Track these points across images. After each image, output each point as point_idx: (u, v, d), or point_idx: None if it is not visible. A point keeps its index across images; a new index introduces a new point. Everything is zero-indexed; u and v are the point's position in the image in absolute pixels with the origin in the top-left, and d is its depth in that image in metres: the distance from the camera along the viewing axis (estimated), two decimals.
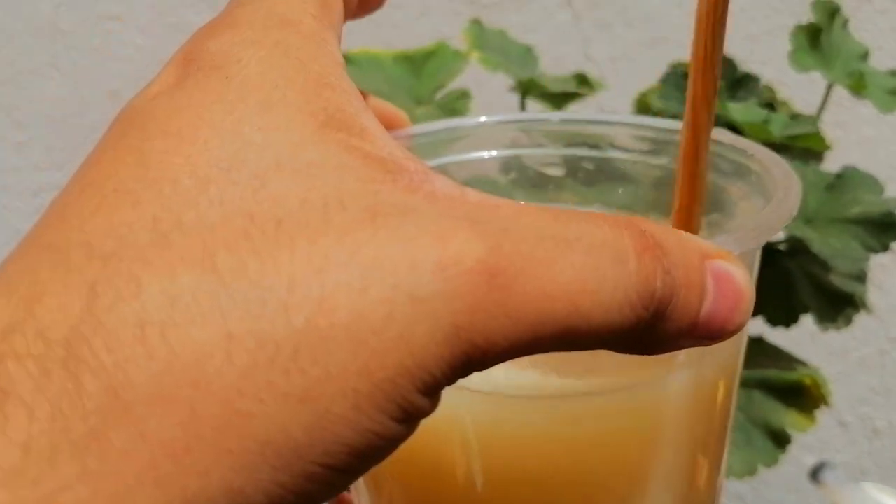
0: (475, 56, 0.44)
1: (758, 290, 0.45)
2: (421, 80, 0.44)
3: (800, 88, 0.51)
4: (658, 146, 0.27)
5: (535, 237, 0.15)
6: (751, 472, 0.37)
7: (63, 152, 0.68)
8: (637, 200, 0.28)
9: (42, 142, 0.67)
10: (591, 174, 0.28)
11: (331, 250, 0.14)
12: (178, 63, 0.18)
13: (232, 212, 0.15)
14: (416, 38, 0.65)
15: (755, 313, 0.41)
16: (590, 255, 0.15)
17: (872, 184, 0.41)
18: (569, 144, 0.28)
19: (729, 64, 0.44)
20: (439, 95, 0.43)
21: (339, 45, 0.20)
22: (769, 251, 0.42)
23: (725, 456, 0.27)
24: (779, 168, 0.23)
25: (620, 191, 0.28)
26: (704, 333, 0.17)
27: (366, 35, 0.66)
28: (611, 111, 0.62)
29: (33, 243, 0.15)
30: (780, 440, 0.37)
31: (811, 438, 0.69)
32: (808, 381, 0.39)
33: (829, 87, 0.40)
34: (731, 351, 0.25)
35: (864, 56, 0.41)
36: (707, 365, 0.24)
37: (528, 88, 0.45)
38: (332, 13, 0.20)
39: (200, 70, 0.17)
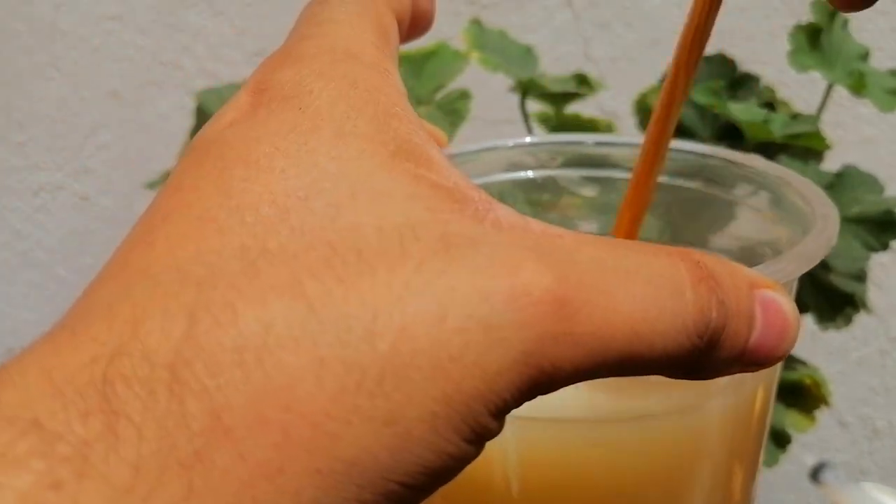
0: (475, 56, 0.44)
1: None
2: (421, 80, 0.44)
3: (800, 88, 0.51)
4: (692, 170, 0.28)
5: (598, 268, 0.16)
6: None
7: (63, 152, 0.68)
8: (669, 224, 0.29)
9: (42, 142, 0.67)
10: (625, 196, 0.28)
11: (409, 279, 0.15)
12: (250, 91, 0.18)
13: (313, 240, 0.15)
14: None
15: None
16: (649, 285, 0.16)
17: (872, 183, 0.41)
18: (602, 166, 0.28)
19: (729, 64, 0.44)
20: (439, 95, 0.43)
21: (398, 74, 0.20)
22: None
23: (760, 463, 0.27)
24: (818, 197, 0.24)
25: (658, 212, 0.29)
26: (752, 360, 0.18)
27: None
28: (611, 111, 0.62)
29: (123, 266, 0.16)
30: (781, 440, 0.37)
31: (811, 438, 0.69)
32: (808, 381, 0.39)
33: (829, 87, 0.40)
34: (772, 369, 0.25)
35: (864, 56, 0.41)
36: (750, 384, 0.25)
37: (528, 88, 0.45)
38: (389, 41, 0.21)
39: (273, 100, 0.18)
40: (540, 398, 0.16)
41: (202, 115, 0.45)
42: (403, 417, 0.14)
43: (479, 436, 0.15)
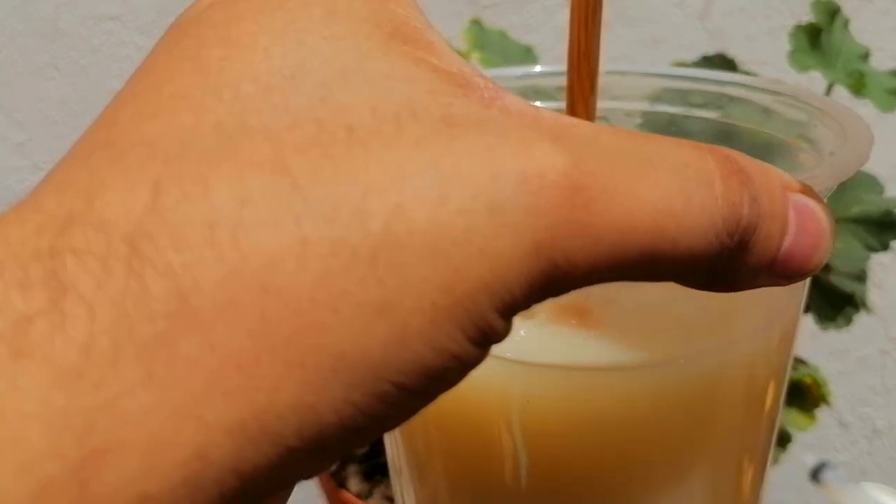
0: (475, 56, 0.44)
1: None
2: None
3: None
4: (711, 99, 0.26)
5: (618, 155, 0.14)
6: None
7: (63, 152, 0.68)
8: None
9: (42, 142, 0.67)
10: (643, 129, 0.27)
11: (407, 158, 0.13)
12: None
13: (299, 118, 0.14)
14: None
15: None
16: (675, 175, 0.14)
17: (873, 183, 0.41)
18: (616, 98, 0.27)
19: (729, 64, 0.44)
20: None
21: None
22: None
23: (777, 421, 0.26)
24: (851, 119, 0.23)
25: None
26: (783, 270, 0.16)
27: None
28: None
29: (87, 142, 0.14)
30: (781, 439, 0.37)
31: (811, 438, 0.69)
32: (808, 381, 0.39)
33: (829, 87, 0.40)
34: (793, 314, 0.24)
35: (865, 56, 0.41)
36: (765, 333, 0.23)
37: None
38: None
39: None
40: (549, 343, 0.14)
41: None
42: (399, 306, 0.13)
43: (485, 336, 0.14)
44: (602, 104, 0.25)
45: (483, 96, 0.15)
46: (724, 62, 0.44)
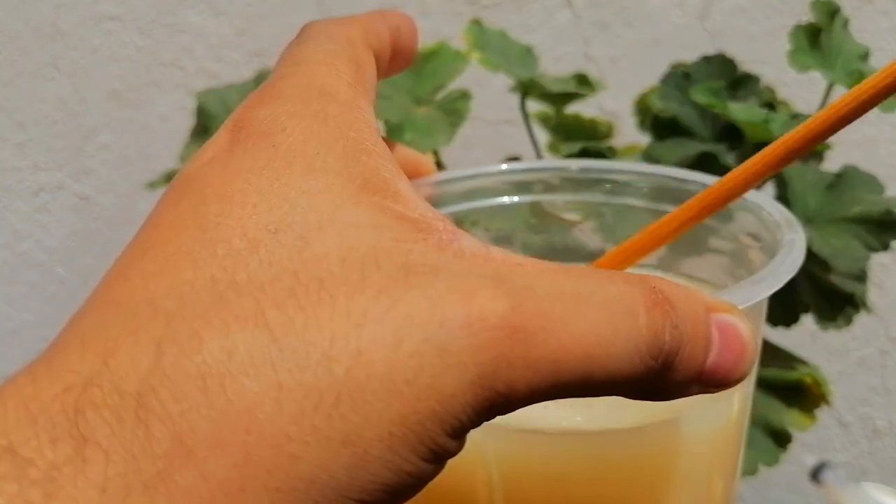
0: (475, 56, 0.44)
1: None
2: (421, 81, 0.44)
3: (800, 88, 0.51)
4: (670, 194, 0.28)
5: (554, 293, 0.17)
6: (751, 471, 0.37)
7: (63, 152, 0.68)
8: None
9: (42, 142, 0.67)
10: (608, 219, 0.29)
11: (368, 307, 0.16)
12: (229, 129, 0.20)
13: (279, 271, 0.16)
14: None
15: None
16: (603, 309, 0.17)
17: (873, 183, 0.41)
18: (587, 191, 0.29)
19: (729, 64, 0.44)
20: (440, 96, 0.43)
21: (373, 109, 0.22)
22: None
23: (739, 471, 0.27)
24: (787, 222, 0.25)
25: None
26: (710, 382, 0.18)
27: None
28: (611, 111, 0.62)
29: (102, 300, 0.17)
30: (781, 439, 0.37)
31: (811, 438, 0.69)
32: (808, 380, 0.39)
33: (829, 87, 0.40)
34: (747, 392, 0.26)
35: (864, 56, 0.41)
36: (731, 402, 0.25)
37: (528, 89, 0.45)
38: (365, 77, 0.22)
39: (249, 137, 0.19)
40: (521, 409, 0.17)
41: (202, 115, 0.45)
42: (360, 438, 0.15)
43: (437, 455, 0.16)
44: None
45: (441, 239, 0.17)
46: (724, 62, 0.44)
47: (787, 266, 0.22)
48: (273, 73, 0.22)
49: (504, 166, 0.29)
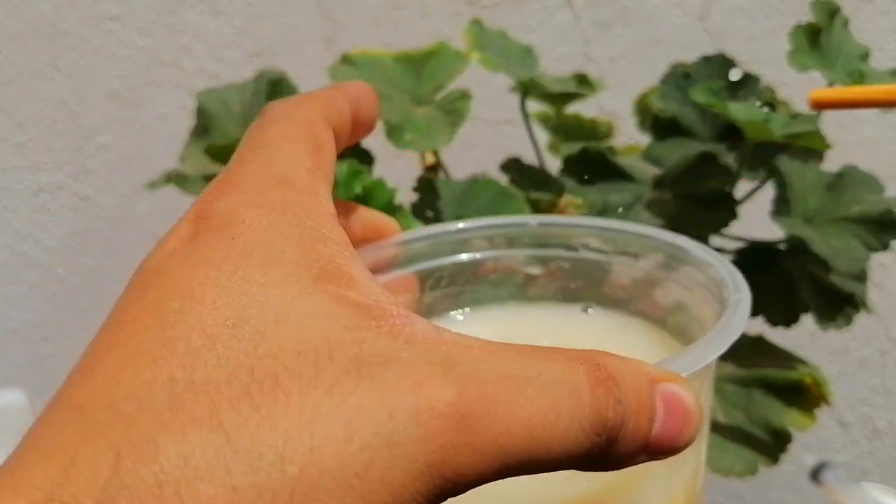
0: (475, 56, 0.44)
1: (758, 290, 0.45)
2: (421, 81, 0.44)
3: (800, 88, 0.51)
4: (630, 248, 0.29)
5: (499, 377, 0.17)
6: (751, 471, 0.37)
7: (63, 152, 0.68)
8: (607, 298, 0.30)
9: (42, 142, 0.67)
10: (567, 272, 0.31)
11: (321, 402, 0.16)
12: (191, 220, 0.20)
13: (236, 368, 0.17)
14: (417, 39, 0.65)
15: (755, 313, 0.41)
16: (547, 391, 0.17)
17: (873, 183, 0.41)
18: (546, 245, 0.30)
19: (729, 64, 0.44)
20: (439, 96, 0.43)
21: (330, 190, 0.22)
22: (769, 251, 0.42)
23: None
24: (734, 282, 0.25)
25: (596, 289, 0.30)
26: (657, 451, 0.19)
27: (366, 35, 0.66)
28: (611, 111, 0.62)
29: (64, 405, 0.17)
30: (781, 439, 0.37)
31: (811, 438, 0.69)
32: (808, 380, 0.39)
33: (829, 87, 0.40)
34: (692, 470, 0.27)
35: (864, 56, 0.41)
36: (672, 485, 0.26)
37: (528, 89, 0.45)
38: (324, 159, 0.23)
39: (210, 229, 0.20)
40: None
41: (202, 115, 0.45)
42: None
43: None
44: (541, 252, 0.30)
45: (394, 325, 0.18)
46: (723, 62, 0.44)
47: (732, 329, 0.23)
48: (234, 157, 0.22)
49: (466, 224, 0.30)
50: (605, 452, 0.18)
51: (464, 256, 0.30)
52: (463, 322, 0.30)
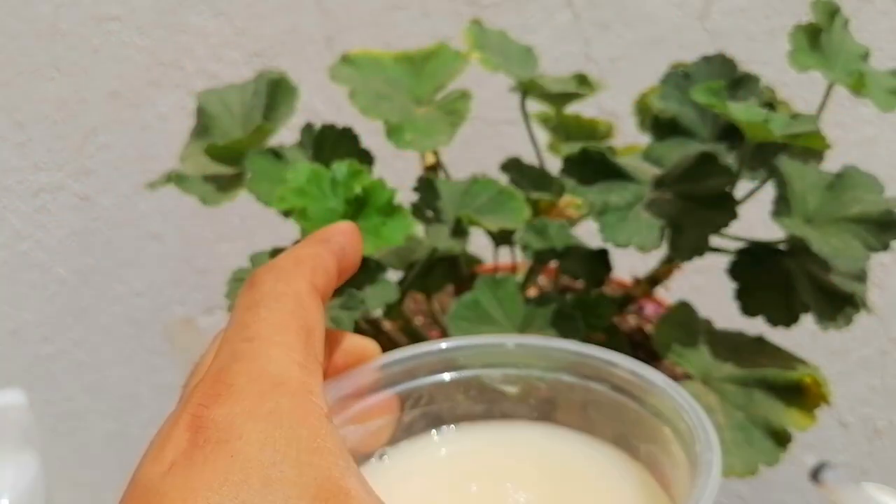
0: (475, 56, 0.44)
1: (758, 290, 0.45)
2: (421, 81, 0.44)
3: (800, 88, 0.51)
4: (597, 373, 0.30)
5: None
6: (751, 471, 0.37)
7: (63, 152, 0.68)
8: (585, 422, 0.31)
9: (42, 142, 0.67)
10: (543, 393, 0.31)
11: None
12: (188, 427, 0.20)
13: None
14: (417, 39, 0.65)
15: (755, 313, 0.41)
16: None
17: (873, 183, 0.41)
18: (523, 366, 0.31)
19: (729, 64, 0.44)
20: (440, 96, 0.43)
21: (321, 378, 0.23)
22: (769, 251, 0.42)
23: None
24: (706, 439, 0.26)
25: (571, 412, 0.31)
26: None
27: (366, 35, 0.66)
28: (611, 111, 0.62)
29: None
30: (781, 439, 0.37)
31: (812, 438, 0.69)
32: (808, 380, 0.39)
33: (830, 87, 0.40)
34: None
35: (865, 56, 0.41)
36: None
37: (528, 89, 0.45)
38: (315, 342, 0.24)
39: (208, 443, 0.20)
40: None
41: (202, 115, 0.45)
42: None
43: None
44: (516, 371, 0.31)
45: None
46: (723, 62, 0.44)
47: (707, 494, 0.24)
48: (223, 346, 0.23)
49: (443, 345, 0.31)
50: None
51: (443, 376, 0.31)
52: (439, 443, 0.31)
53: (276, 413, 0.21)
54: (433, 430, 0.31)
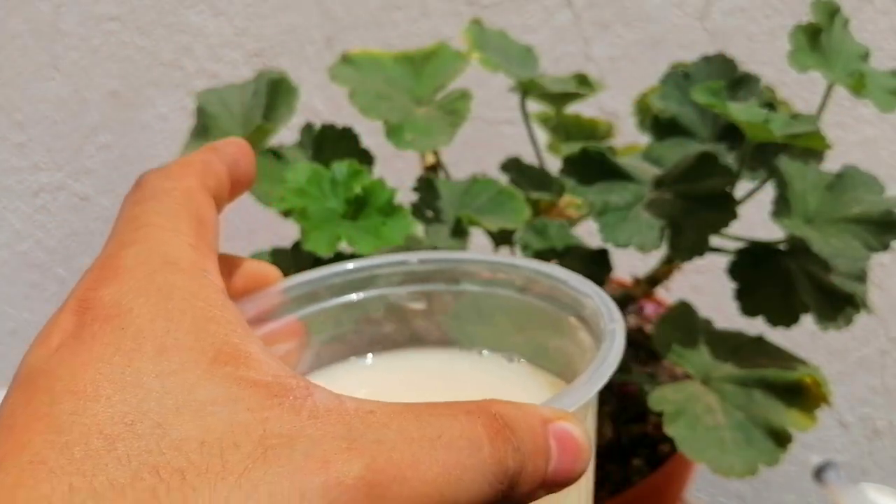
0: (475, 56, 0.44)
1: (758, 290, 0.45)
2: (421, 81, 0.44)
3: (800, 88, 0.51)
4: (508, 279, 0.30)
5: (404, 442, 0.18)
6: (752, 471, 0.37)
7: (63, 152, 0.68)
8: (494, 334, 0.31)
9: (42, 142, 0.67)
10: (451, 306, 0.31)
11: (230, 494, 0.16)
12: (73, 311, 0.19)
13: (139, 467, 0.16)
14: (417, 39, 0.65)
15: (755, 313, 0.41)
16: (451, 449, 0.18)
17: (873, 183, 0.41)
18: (429, 281, 0.31)
19: (729, 64, 0.44)
20: (439, 96, 0.43)
21: (216, 264, 0.22)
22: (769, 251, 0.42)
23: None
24: (609, 312, 0.26)
25: (483, 326, 0.31)
26: (553, 485, 0.20)
27: (366, 35, 0.66)
28: (611, 111, 0.62)
29: None
30: (781, 439, 0.37)
31: (812, 438, 0.69)
32: (808, 380, 0.39)
33: (829, 87, 0.40)
34: (586, 485, 0.27)
35: (865, 56, 0.41)
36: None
37: (528, 89, 0.45)
38: (207, 231, 0.23)
39: (96, 320, 0.19)
40: None
41: (202, 115, 0.45)
42: None
43: None
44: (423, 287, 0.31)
45: (295, 399, 0.18)
46: (723, 62, 0.44)
47: (609, 362, 0.24)
48: (112, 237, 0.22)
49: (348, 265, 0.31)
50: (508, 496, 0.19)
51: (349, 297, 0.31)
52: (371, 367, 0.31)
53: (167, 288, 0.20)
54: (355, 358, 0.31)
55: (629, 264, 0.49)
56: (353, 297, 0.31)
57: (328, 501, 0.17)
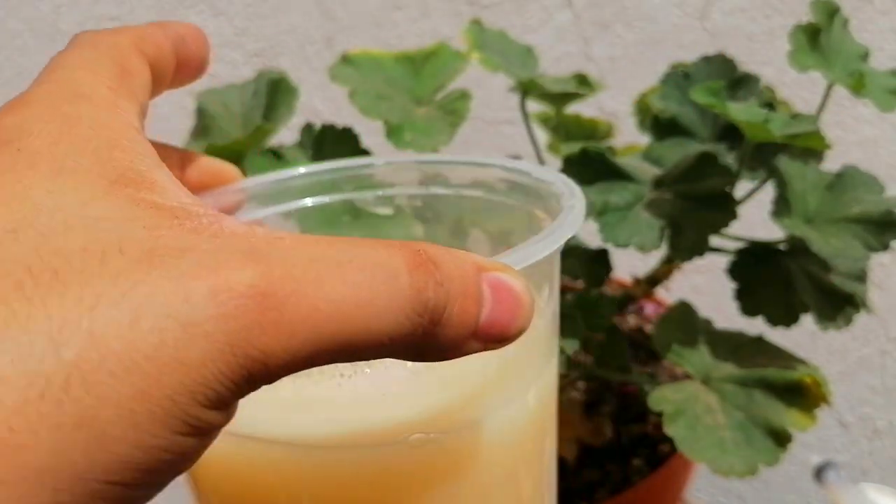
0: (475, 56, 0.44)
1: (758, 290, 0.45)
2: (421, 81, 0.44)
3: (800, 88, 0.51)
4: (474, 179, 0.30)
5: (309, 261, 0.17)
6: (751, 471, 0.37)
7: None
8: (462, 233, 0.30)
9: None
10: (418, 210, 0.30)
11: (104, 290, 0.15)
12: None
13: (11, 268, 0.16)
14: (417, 39, 0.66)
15: (755, 313, 0.41)
16: (362, 272, 0.17)
17: (873, 183, 0.41)
18: (395, 185, 0.30)
19: (729, 64, 0.44)
20: (439, 96, 0.43)
21: (138, 111, 0.21)
22: (769, 251, 0.42)
23: (548, 461, 0.27)
24: (568, 190, 0.26)
25: (447, 227, 0.30)
26: (488, 337, 0.19)
27: (366, 35, 0.66)
28: (611, 111, 0.62)
29: None
30: (781, 439, 0.37)
31: (812, 438, 0.69)
32: (808, 380, 0.39)
33: (829, 87, 0.40)
34: (549, 380, 0.26)
35: (864, 56, 0.41)
36: (525, 400, 0.25)
37: (528, 89, 0.45)
38: (132, 83, 0.22)
39: None
40: (294, 425, 0.17)
41: (202, 116, 0.45)
42: (96, 419, 0.15)
43: (197, 428, 0.16)
44: (382, 192, 0.30)
45: (200, 223, 0.17)
46: (723, 62, 0.44)
47: (564, 228, 0.23)
48: (33, 82, 0.21)
49: (308, 168, 0.30)
50: (429, 335, 0.18)
51: (314, 200, 0.30)
52: None
53: (74, 116, 0.19)
54: None
55: (629, 264, 0.49)
56: (318, 199, 0.30)
57: (215, 304, 0.16)
